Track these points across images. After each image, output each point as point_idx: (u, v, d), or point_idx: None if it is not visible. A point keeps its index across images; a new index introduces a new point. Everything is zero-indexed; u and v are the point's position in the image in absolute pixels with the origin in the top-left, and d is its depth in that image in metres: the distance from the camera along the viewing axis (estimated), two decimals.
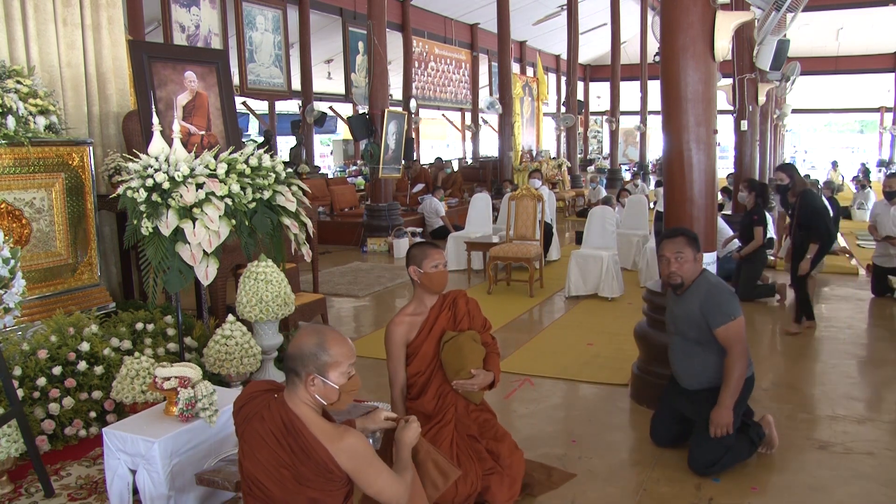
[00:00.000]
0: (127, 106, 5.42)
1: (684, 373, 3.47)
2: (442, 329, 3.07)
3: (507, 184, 12.87)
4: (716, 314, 3.26)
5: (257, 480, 2.12)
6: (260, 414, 2.14)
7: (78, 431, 3.68)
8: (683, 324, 3.41)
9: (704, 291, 3.33)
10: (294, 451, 2.08)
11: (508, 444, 3.09)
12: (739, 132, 8.19)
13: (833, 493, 3.19)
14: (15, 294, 3.16)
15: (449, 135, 27.62)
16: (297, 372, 2.11)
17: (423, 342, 3.04)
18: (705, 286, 3.36)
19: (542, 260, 7.56)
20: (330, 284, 7.75)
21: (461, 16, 18.80)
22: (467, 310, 3.13)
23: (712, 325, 3.27)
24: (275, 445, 2.09)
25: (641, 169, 21.79)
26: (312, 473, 2.09)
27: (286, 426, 2.09)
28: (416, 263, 3.08)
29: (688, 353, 3.42)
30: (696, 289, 3.37)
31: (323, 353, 2.10)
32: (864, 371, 4.83)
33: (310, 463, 2.08)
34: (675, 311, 3.47)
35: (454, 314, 3.11)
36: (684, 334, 3.42)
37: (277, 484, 2.09)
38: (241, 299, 4.08)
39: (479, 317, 3.17)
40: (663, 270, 3.42)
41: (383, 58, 10.24)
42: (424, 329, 3.06)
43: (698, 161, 3.94)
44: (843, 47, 22.66)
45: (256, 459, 2.12)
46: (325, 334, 2.15)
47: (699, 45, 3.87)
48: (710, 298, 3.30)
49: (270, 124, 16.39)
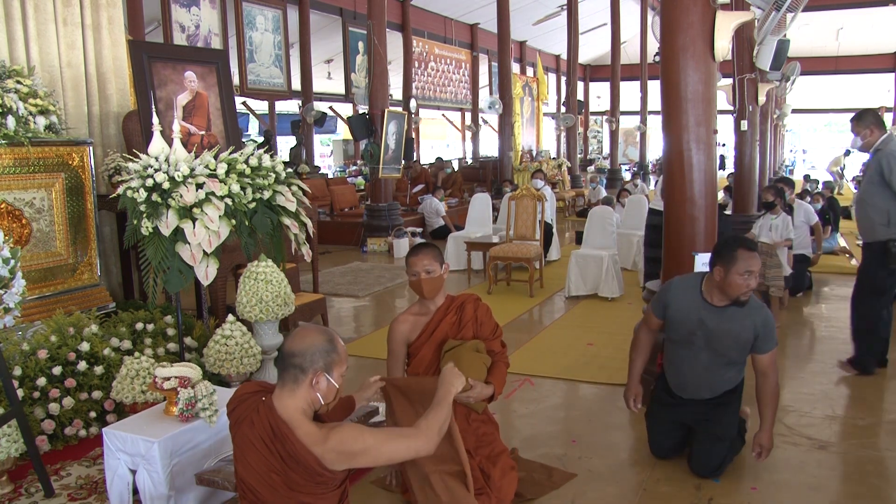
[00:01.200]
0: (127, 106, 5.42)
1: (700, 385, 3.32)
2: (444, 335, 2.98)
3: (507, 184, 12.87)
4: (769, 341, 3.17)
5: (249, 485, 2.10)
6: (249, 418, 2.11)
7: (78, 431, 3.68)
8: (722, 343, 3.19)
9: (763, 317, 3.18)
10: (283, 457, 2.05)
11: (502, 465, 2.98)
12: (739, 132, 8.19)
13: (833, 493, 3.19)
14: (15, 294, 3.16)
15: (449, 135, 27.61)
16: (302, 368, 2.06)
17: (422, 345, 2.99)
18: (763, 311, 3.21)
19: (542, 260, 7.56)
20: (330, 284, 7.76)
21: (461, 16, 18.80)
22: (475, 315, 3.02)
23: (763, 350, 3.16)
24: (264, 451, 2.06)
25: (641, 169, 21.78)
26: (303, 479, 2.06)
27: (274, 431, 2.05)
28: (406, 266, 3.02)
29: (713, 369, 3.26)
30: (749, 310, 3.16)
31: (332, 351, 2.10)
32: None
33: (299, 468, 2.04)
34: (711, 325, 3.19)
35: (459, 319, 3.01)
36: (721, 352, 3.21)
37: (268, 489, 2.07)
38: (241, 299, 4.08)
39: (488, 323, 3.05)
40: (741, 288, 3.08)
41: (383, 58, 10.24)
42: (426, 332, 3.00)
43: (698, 161, 3.94)
44: (843, 47, 22.66)
45: (247, 464, 2.09)
46: (331, 333, 2.15)
47: (699, 45, 3.87)
48: (768, 325, 3.18)
49: (270, 124, 16.39)
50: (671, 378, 3.45)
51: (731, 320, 3.17)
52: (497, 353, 3.06)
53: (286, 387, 2.09)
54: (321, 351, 2.07)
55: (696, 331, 3.23)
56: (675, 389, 3.43)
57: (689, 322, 3.25)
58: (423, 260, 2.97)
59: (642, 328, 3.56)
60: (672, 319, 3.33)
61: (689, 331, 3.26)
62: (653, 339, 3.55)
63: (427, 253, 3.01)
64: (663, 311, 3.37)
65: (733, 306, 3.16)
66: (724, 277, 3.10)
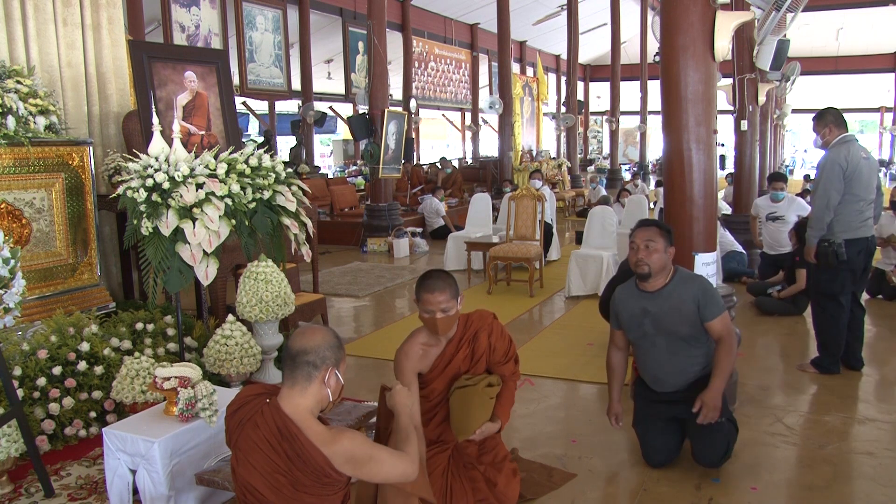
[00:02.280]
0: (127, 106, 5.42)
1: (671, 372, 3.36)
2: (457, 370, 2.83)
3: (507, 184, 12.87)
4: (712, 306, 3.25)
5: (252, 487, 2.08)
6: (253, 420, 2.10)
7: (78, 431, 3.68)
8: (671, 321, 3.30)
9: (698, 285, 3.30)
10: (290, 457, 2.04)
11: (506, 472, 2.95)
12: (739, 132, 8.19)
13: (833, 493, 3.19)
14: (15, 294, 3.17)
15: (449, 135, 27.62)
16: (315, 365, 2.07)
17: (435, 378, 2.83)
18: (697, 280, 3.34)
19: (542, 260, 7.56)
20: (330, 284, 7.76)
21: (461, 16, 18.80)
22: (489, 343, 2.86)
23: (708, 317, 3.24)
24: (269, 452, 2.05)
25: (641, 169, 21.78)
26: (309, 479, 2.05)
27: (281, 432, 2.05)
28: (416, 297, 2.77)
29: (674, 351, 3.33)
30: (683, 283, 3.31)
31: (340, 347, 2.14)
32: (864, 371, 4.83)
33: (306, 468, 2.04)
34: (653, 309, 3.32)
35: (472, 351, 2.85)
36: (673, 332, 3.31)
37: (273, 490, 2.06)
38: (241, 299, 4.08)
39: (501, 347, 2.90)
40: (631, 257, 3.34)
41: (383, 58, 10.24)
42: (438, 366, 2.83)
43: (698, 161, 3.94)
44: (843, 47, 22.66)
45: (251, 466, 2.08)
46: (333, 330, 2.20)
47: (699, 45, 3.87)
48: (707, 291, 3.28)
49: (270, 124, 16.39)
50: (645, 375, 3.51)
51: (670, 297, 3.31)
52: (507, 376, 2.94)
53: (297, 386, 2.08)
54: (331, 347, 2.10)
55: (643, 319, 3.36)
56: (653, 385, 3.46)
57: (636, 316, 3.39)
58: (439, 297, 2.70)
59: (611, 348, 3.61)
60: (625, 322, 3.46)
61: (638, 323, 3.39)
62: (624, 358, 3.60)
63: (443, 289, 2.72)
64: (617, 321, 3.51)
65: (668, 286, 3.32)
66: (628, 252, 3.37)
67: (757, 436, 3.74)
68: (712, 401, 3.20)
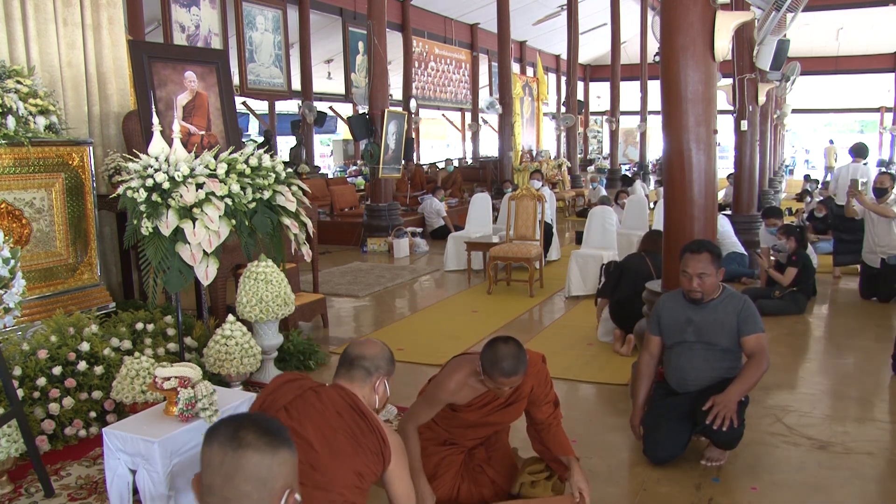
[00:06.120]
0: (127, 106, 5.43)
1: (699, 377, 3.42)
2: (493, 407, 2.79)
3: (507, 184, 12.87)
4: (751, 323, 3.36)
5: (306, 439, 2.08)
6: (313, 390, 2.22)
7: (78, 431, 3.68)
8: (712, 333, 3.38)
9: (742, 303, 3.40)
10: (358, 424, 2.17)
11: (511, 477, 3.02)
12: (739, 132, 8.18)
13: (833, 493, 3.19)
14: (15, 294, 3.16)
15: (449, 135, 27.62)
16: (369, 371, 2.28)
17: (470, 411, 2.80)
18: (740, 298, 3.44)
19: (542, 260, 7.56)
20: (330, 284, 7.75)
21: (461, 16, 18.80)
22: (531, 388, 2.80)
23: (746, 332, 3.34)
24: (334, 417, 2.16)
25: (641, 169, 21.78)
26: (371, 447, 2.17)
27: (350, 406, 2.19)
28: (486, 372, 2.60)
29: (709, 359, 3.41)
30: (728, 299, 3.41)
31: (392, 362, 2.36)
32: (864, 371, 4.83)
33: (371, 437, 2.17)
34: (698, 319, 3.40)
35: (515, 393, 2.78)
36: (713, 343, 3.39)
37: (327, 446, 2.10)
38: (241, 299, 4.08)
39: (541, 394, 2.84)
40: (685, 285, 3.41)
41: (383, 58, 10.23)
42: (475, 404, 2.78)
43: (698, 161, 3.94)
44: (843, 47, 22.65)
45: (308, 423, 2.13)
46: (389, 347, 2.41)
47: (699, 45, 3.87)
48: (748, 309, 3.39)
49: (270, 124, 16.39)
50: (672, 377, 3.52)
51: (715, 311, 3.40)
52: (543, 418, 2.89)
53: (355, 382, 2.27)
54: (386, 359, 2.34)
55: (686, 328, 3.44)
56: (677, 386, 3.50)
57: (678, 323, 3.47)
58: (514, 380, 2.61)
59: (643, 355, 3.65)
60: (665, 327, 3.53)
61: (679, 330, 3.46)
62: (654, 365, 3.62)
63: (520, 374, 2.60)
64: (658, 326, 3.55)
65: (715, 300, 3.41)
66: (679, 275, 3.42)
67: (757, 436, 3.74)
68: (724, 401, 3.23)
